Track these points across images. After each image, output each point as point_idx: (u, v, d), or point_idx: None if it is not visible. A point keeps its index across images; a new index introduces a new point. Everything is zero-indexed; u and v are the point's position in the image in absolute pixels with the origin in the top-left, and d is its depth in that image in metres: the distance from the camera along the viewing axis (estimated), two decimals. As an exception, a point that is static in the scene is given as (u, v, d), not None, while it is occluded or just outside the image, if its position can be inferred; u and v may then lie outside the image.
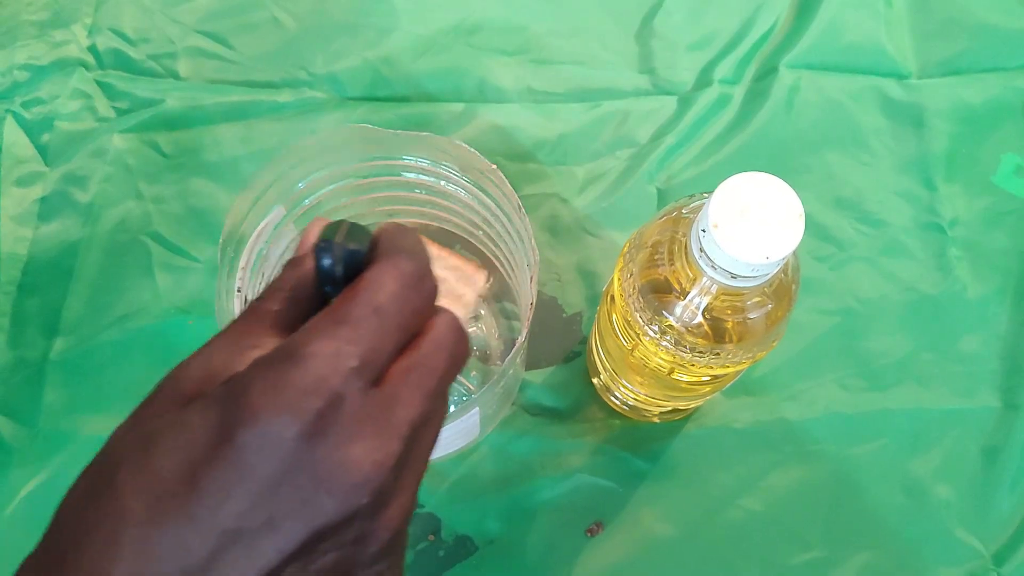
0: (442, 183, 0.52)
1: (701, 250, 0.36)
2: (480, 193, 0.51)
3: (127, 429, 0.25)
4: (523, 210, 0.46)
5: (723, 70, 0.64)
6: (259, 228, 0.49)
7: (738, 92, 0.64)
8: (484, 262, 0.58)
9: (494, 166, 0.47)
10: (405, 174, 0.52)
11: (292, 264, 0.29)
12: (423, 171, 0.52)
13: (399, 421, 0.25)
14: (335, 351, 0.24)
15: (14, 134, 0.62)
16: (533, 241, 0.46)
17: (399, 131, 0.49)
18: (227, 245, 0.46)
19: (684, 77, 0.64)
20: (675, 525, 0.54)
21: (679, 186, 0.61)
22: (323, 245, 0.27)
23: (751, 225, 0.34)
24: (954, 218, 0.61)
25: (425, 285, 0.27)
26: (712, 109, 0.63)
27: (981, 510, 0.55)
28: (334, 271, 0.27)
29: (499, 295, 0.59)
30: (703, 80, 0.64)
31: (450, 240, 0.58)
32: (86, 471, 0.25)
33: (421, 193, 0.54)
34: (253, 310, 0.28)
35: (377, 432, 0.25)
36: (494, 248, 0.55)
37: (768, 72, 0.64)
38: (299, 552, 0.24)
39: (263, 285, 0.50)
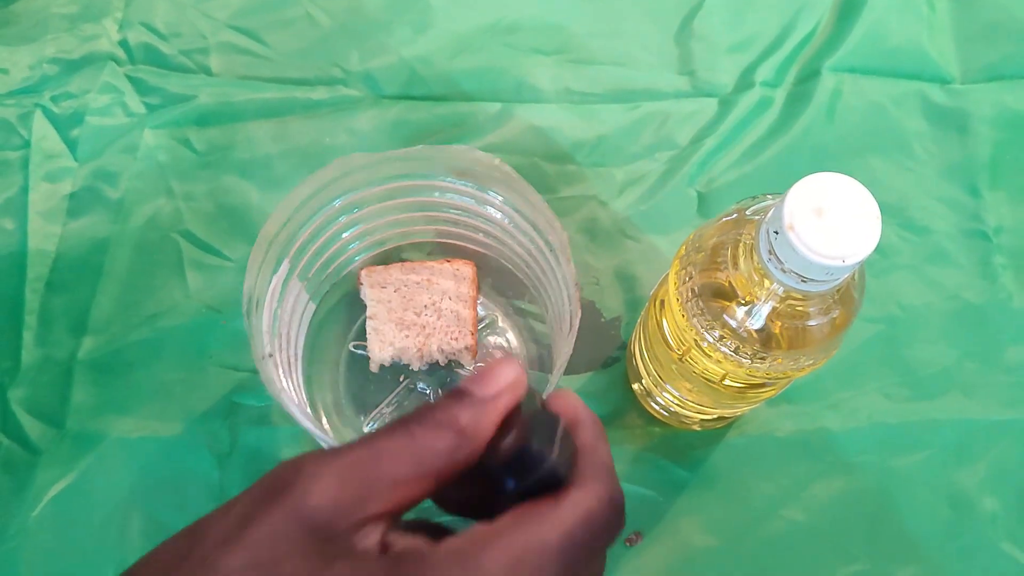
0: (488, 209, 0.53)
1: (771, 252, 0.35)
2: (527, 226, 0.51)
3: (231, 542, 0.22)
4: (571, 261, 0.46)
5: (764, 72, 0.63)
6: (271, 288, 0.48)
7: (779, 95, 0.63)
8: (513, 287, 0.58)
9: (549, 210, 0.47)
10: (445, 195, 0.53)
11: (467, 404, 0.25)
12: (462, 193, 0.53)
13: None
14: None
15: (43, 128, 0.61)
16: (577, 292, 0.45)
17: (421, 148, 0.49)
18: (249, 313, 0.46)
19: (724, 79, 0.64)
20: (716, 535, 0.53)
21: (720, 189, 0.60)
22: (543, 442, 0.26)
23: (827, 226, 0.33)
24: (999, 225, 0.60)
25: (619, 521, 0.26)
26: (753, 112, 0.62)
27: (1028, 524, 0.54)
28: (542, 469, 0.26)
29: (523, 310, 0.58)
30: (744, 82, 0.63)
31: (485, 262, 0.58)
32: None
33: (454, 213, 0.55)
34: (408, 433, 0.25)
35: None
36: (536, 279, 0.55)
37: (810, 75, 0.63)
38: None
39: (282, 345, 0.50)
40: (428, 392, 0.55)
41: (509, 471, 0.25)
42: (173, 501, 0.52)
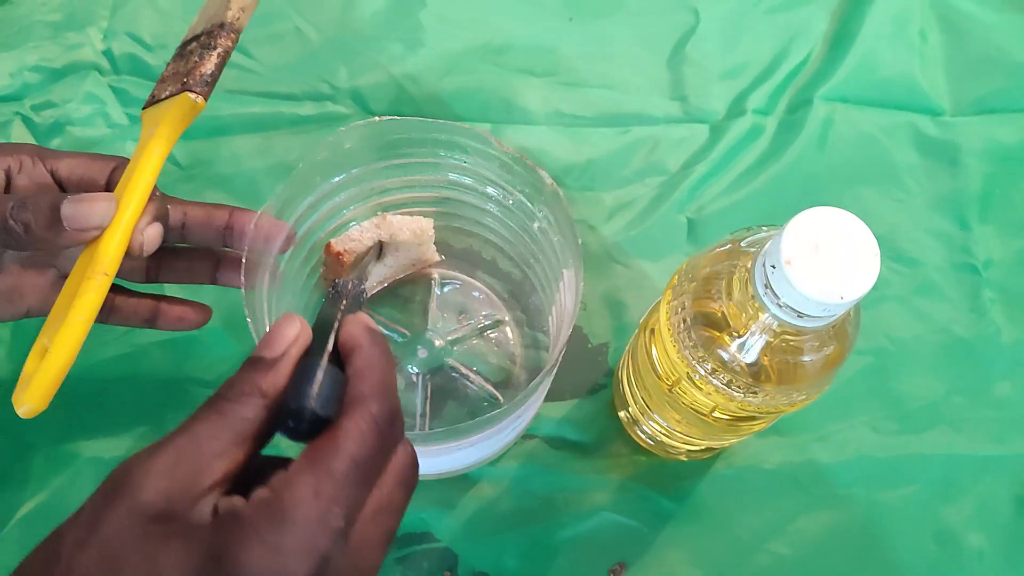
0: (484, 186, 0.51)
1: (767, 286, 0.34)
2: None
3: (83, 544, 0.25)
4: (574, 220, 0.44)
5: (756, 100, 0.63)
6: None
7: (771, 123, 0.63)
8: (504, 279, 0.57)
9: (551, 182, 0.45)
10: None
11: (261, 368, 0.28)
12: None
13: (370, 569, 0.27)
14: (324, 512, 0.25)
15: (22, 137, 0.60)
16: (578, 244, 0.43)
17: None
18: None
19: (716, 106, 0.63)
20: (701, 568, 0.52)
21: (710, 216, 0.60)
22: (304, 393, 0.28)
23: (825, 263, 0.32)
24: (988, 259, 0.60)
25: (395, 426, 0.28)
26: (745, 139, 0.62)
27: (1014, 561, 0.53)
28: (307, 415, 0.28)
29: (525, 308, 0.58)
30: (735, 109, 0.63)
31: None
32: None
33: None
34: (218, 411, 0.27)
35: None
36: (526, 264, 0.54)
37: (802, 104, 0.63)
38: None
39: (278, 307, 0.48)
40: (416, 373, 0.55)
41: (289, 420, 0.28)
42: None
